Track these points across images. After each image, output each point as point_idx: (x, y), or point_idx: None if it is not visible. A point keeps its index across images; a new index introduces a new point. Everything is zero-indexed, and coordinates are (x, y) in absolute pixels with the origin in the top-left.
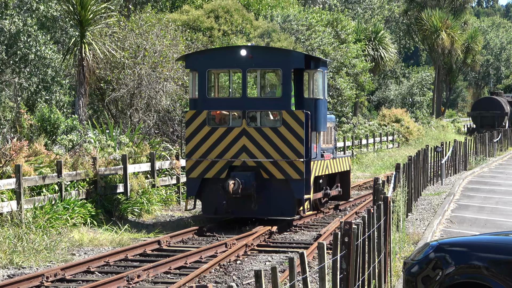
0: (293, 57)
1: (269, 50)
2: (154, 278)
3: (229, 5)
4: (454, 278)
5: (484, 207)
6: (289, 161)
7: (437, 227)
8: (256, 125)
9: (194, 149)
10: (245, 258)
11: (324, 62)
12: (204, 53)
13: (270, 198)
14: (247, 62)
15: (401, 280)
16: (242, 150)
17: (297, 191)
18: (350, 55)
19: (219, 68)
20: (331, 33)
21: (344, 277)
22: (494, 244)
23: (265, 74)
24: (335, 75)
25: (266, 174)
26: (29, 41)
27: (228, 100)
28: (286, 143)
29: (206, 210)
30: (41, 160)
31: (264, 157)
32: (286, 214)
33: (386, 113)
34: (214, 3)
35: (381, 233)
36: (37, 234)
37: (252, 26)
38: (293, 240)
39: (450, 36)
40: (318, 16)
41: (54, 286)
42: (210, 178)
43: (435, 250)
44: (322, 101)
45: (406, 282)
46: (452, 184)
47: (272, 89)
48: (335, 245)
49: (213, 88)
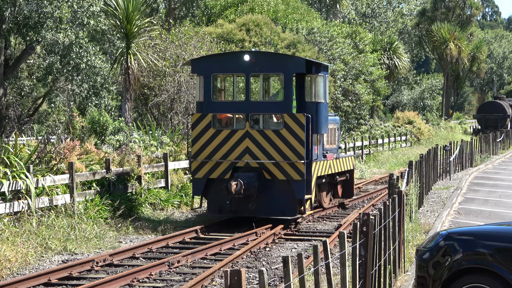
0: (294, 62)
1: (271, 56)
2: (192, 263)
3: (259, 19)
4: (461, 264)
5: (488, 200)
6: (290, 163)
7: (446, 218)
8: (259, 128)
9: (199, 150)
10: (273, 246)
11: (325, 67)
12: (209, 58)
13: (272, 198)
14: (250, 67)
15: (413, 266)
16: (245, 152)
17: (298, 191)
18: (368, 63)
19: (223, 73)
20: (351, 44)
21: (363, 262)
22: (497, 233)
23: (268, 79)
24: (354, 82)
25: (269, 175)
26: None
27: (232, 103)
28: (288, 145)
29: (211, 209)
30: (92, 158)
31: (266, 159)
32: (287, 213)
33: (400, 115)
34: (245, 18)
35: (396, 223)
36: (88, 224)
37: (279, 38)
38: (316, 229)
39: (457, 47)
40: (338, 29)
41: (103, 270)
42: (215, 178)
43: (444, 239)
44: (323, 104)
45: (418, 267)
46: (459, 179)
47: (274, 93)
48: (355, 234)
49: (218, 92)
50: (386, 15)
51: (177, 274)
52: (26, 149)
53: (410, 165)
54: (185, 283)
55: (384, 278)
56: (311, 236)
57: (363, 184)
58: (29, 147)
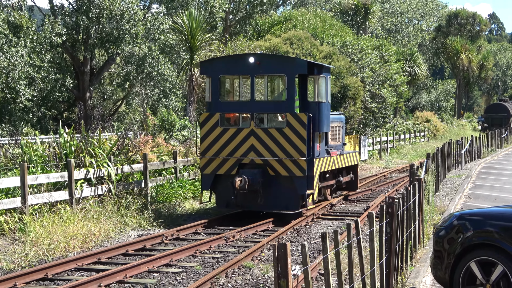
0: (296, 64)
1: (275, 58)
2: (245, 238)
3: (300, 34)
4: (472, 240)
5: (494, 187)
6: (292, 160)
7: (458, 202)
8: (263, 126)
9: (208, 147)
10: (312, 224)
11: (327, 68)
12: (217, 60)
13: (276, 193)
14: (255, 68)
15: (431, 241)
16: (250, 149)
17: (299, 187)
18: (392, 71)
19: (230, 74)
20: (378, 55)
21: (388, 238)
22: (503, 214)
23: (272, 80)
24: (381, 86)
25: (272, 171)
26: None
27: (238, 103)
28: (290, 143)
29: (219, 203)
30: (162, 150)
31: (270, 156)
32: (290, 208)
33: (419, 115)
34: (289, 33)
35: (416, 206)
36: (158, 205)
37: (317, 50)
38: (348, 210)
39: (468, 57)
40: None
41: (171, 243)
42: (222, 174)
43: (457, 219)
44: (325, 104)
45: (435, 243)
46: (469, 169)
47: (278, 93)
48: (382, 214)
49: (225, 92)
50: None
51: (232, 247)
52: (108, 143)
53: (428, 157)
54: (239, 254)
55: (406, 252)
56: (344, 216)
57: (388, 173)
58: (110, 141)
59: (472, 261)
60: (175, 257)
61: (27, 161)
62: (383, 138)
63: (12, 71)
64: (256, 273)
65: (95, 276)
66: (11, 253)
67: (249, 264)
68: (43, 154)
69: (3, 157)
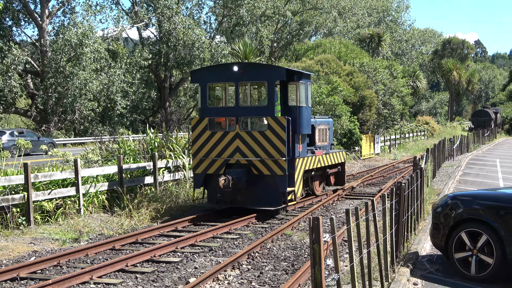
0: (276, 71)
1: (256, 66)
2: (286, 213)
3: (328, 57)
4: (462, 215)
5: (479, 174)
6: (274, 160)
7: (451, 186)
8: (247, 130)
9: (198, 149)
10: (338, 202)
11: (306, 75)
12: (205, 69)
13: (260, 191)
14: (239, 76)
15: (430, 216)
16: (236, 150)
17: (281, 185)
18: (399, 85)
19: (216, 82)
20: (388, 73)
21: (397, 214)
22: (487, 195)
23: (254, 86)
24: (390, 97)
25: (256, 170)
26: None
27: (225, 108)
28: (272, 144)
29: (210, 199)
30: None
31: (254, 157)
32: (273, 204)
33: (420, 119)
34: (320, 56)
35: (418, 188)
36: None
37: (341, 69)
38: (365, 192)
39: (458, 74)
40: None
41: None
42: (212, 173)
43: (451, 199)
44: (305, 108)
45: (433, 217)
46: (459, 160)
47: (260, 98)
48: (392, 195)
49: (213, 99)
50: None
51: (277, 219)
52: (183, 140)
53: (427, 151)
54: (282, 224)
55: (411, 224)
56: (363, 196)
57: (396, 163)
58: (184, 139)
59: (462, 231)
60: (233, 227)
61: (122, 154)
62: (392, 137)
63: (111, 86)
64: (295, 239)
65: (173, 240)
66: (110, 223)
67: (289, 233)
68: (134, 149)
69: (104, 151)
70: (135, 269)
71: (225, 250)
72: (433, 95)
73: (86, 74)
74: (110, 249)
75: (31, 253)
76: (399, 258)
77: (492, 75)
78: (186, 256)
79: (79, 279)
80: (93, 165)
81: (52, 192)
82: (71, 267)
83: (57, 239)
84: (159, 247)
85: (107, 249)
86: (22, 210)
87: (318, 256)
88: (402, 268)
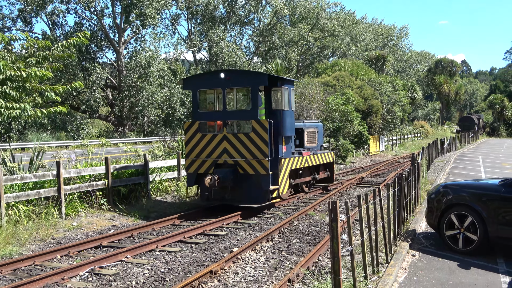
0: (259, 77)
1: (241, 73)
2: (309, 198)
3: (343, 74)
4: (452, 201)
5: (465, 168)
6: (257, 160)
7: (442, 177)
8: (233, 132)
9: (190, 150)
10: (350, 189)
11: (289, 81)
12: (196, 77)
13: (246, 189)
14: (226, 82)
15: (425, 201)
16: (224, 151)
17: (264, 183)
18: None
19: (206, 88)
20: (391, 86)
21: (398, 199)
22: (472, 185)
23: (239, 91)
24: (393, 105)
25: (242, 170)
26: None
27: (213, 113)
28: (255, 146)
29: (201, 197)
30: None
31: (239, 157)
32: (259, 201)
33: (416, 123)
34: (336, 73)
35: (415, 179)
36: None
37: (353, 83)
38: (373, 181)
39: (448, 87)
40: (384, 78)
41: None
42: (202, 173)
43: (443, 187)
44: (288, 111)
45: (428, 202)
46: (449, 156)
47: (245, 103)
48: (394, 184)
49: (203, 104)
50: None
51: (302, 202)
52: None
53: (423, 149)
54: (307, 206)
55: (410, 207)
56: (370, 185)
57: (397, 158)
58: None
59: (452, 214)
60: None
61: (180, 150)
62: (394, 137)
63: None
64: (316, 218)
65: (220, 218)
66: (172, 204)
67: (311, 213)
68: None
69: (167, 148)
70: (191, 240)
71: (260, 226)
72: (427, 104)
73: (153, 88)
74: (171, 225)
75: (110, 227)
76: (400, 234)
77: (475, 88)
78: (230, 231)
79: (147, 247)
80: (158, 159)
81: (126, 180)
82: (141, 238)
83: (131, 216)
84: (209, 223)
85: (169, 224)
86: (103, 193)
87: (335, 232)
88: (403, 243)
